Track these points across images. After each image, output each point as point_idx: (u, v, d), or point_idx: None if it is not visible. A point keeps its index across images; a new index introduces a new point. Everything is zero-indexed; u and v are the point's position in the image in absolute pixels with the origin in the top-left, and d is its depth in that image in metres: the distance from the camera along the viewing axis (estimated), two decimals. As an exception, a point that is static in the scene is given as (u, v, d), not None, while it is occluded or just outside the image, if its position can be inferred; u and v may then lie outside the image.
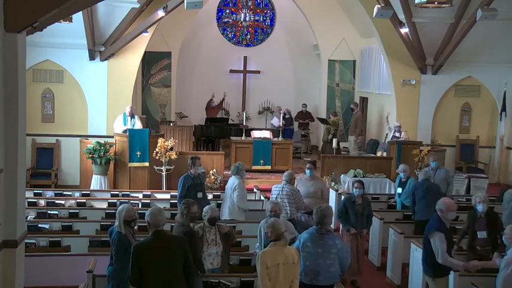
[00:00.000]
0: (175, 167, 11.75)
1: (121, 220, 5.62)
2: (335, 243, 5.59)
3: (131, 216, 5.68)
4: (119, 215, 5.65)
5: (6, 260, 4.85)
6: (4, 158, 4.72)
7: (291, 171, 8.57)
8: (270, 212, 6.25)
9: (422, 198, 8.34)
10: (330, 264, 5.52)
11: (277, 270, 5.00)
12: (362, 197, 7.80)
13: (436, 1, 9.84)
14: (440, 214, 5.85)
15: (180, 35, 16.75)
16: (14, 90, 4.72)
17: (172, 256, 4.80)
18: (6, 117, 4.70)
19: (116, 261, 5.61)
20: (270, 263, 5.00)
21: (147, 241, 4.89)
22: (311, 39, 18.06)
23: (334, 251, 5.55)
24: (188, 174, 8.38)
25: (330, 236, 5.63)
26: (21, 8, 4.55)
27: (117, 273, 5.58)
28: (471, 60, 13.86)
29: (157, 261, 4.75)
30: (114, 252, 5.62)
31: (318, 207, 5.73)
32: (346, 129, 16.89)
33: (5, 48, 4.62)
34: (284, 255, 5.06)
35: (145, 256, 4.77)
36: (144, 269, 4.75)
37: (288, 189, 7.98)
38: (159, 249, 4.80)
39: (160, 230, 4.93)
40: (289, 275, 5.07)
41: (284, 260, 5.03)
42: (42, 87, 12.76)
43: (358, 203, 7.72)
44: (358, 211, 7.68)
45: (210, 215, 6.07)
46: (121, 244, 5.59)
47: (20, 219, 4.99)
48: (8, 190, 4.79)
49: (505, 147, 14.33)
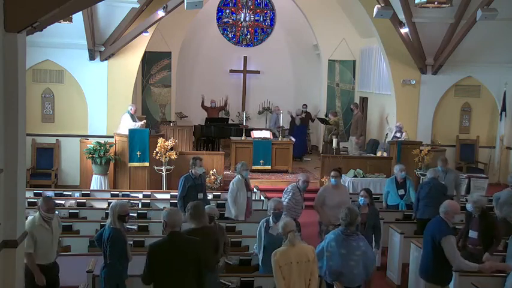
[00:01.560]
0: (175, 167, 11.76)
1: (115, 215, 5.59)
2: (359, 246, 5.61)
3: (125, 211, 5.68)
4: (113, 210, 5.63)
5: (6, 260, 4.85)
6: (4, 158, 4.72)
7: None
8: (274, 210, 6.19)
9: (426, 197, 8.36)
10: (353, 266, 5.55)
11: (290, 268, 5.08)
12: (368, 206, 7.22)
13: (436, 1, 9.84)
14: (444, 217, 5.76)
15: (180, 35, 16.75)
16: (14, 90, 4.72)
17: (187, 258, 4.76)
18: (6, 117, 4.70)
19: (114, 260, 5.53)
20: (282, 262, 5.09)
21: (163, 241, 4.85)
22: (311, 39, 18.06)
23: (358, 253, 5.58)
24: (189, 175, 8.37)
25: (355, 238, 5.65)
26: (21, 8, 4.54)
27: (116, 273, 5.53)
28: (471, 60, 13.86)
29: (171, 262, 4.72)
30: (109, 252, 5.53)
31: (348, 209, 5.75)
32: (346, 129, 16.89)
33: (5, 48, 4.62)
34: (297, 254, 5.14)
35: (160, 256, 4.74)
36: (158, 269, 4.74)
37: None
38: (174, 250, 4.75)
39: (177, 231, 4.88)
40: (305, 273, 5.13)
41: (297, 259, 5.12)
42: (42, 87, 12.76)
43: (362, 213, 6.97)
44: (360, 221, 6.84)
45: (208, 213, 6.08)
46: (119, 241, 5.55)
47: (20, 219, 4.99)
48: (8, 190, 4.79)
49: (505, 147, 14.33)
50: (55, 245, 5.94)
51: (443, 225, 5.72)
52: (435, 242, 5.65)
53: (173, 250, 4.74)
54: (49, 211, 5.80)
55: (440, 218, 5.80)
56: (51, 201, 5.98)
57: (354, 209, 5.82)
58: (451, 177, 9.29)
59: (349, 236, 5.64)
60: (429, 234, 5.78)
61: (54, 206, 6.02)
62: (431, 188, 8.42)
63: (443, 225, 5.71)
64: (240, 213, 8.30)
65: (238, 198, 8.28)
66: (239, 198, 8.28)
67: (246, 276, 5.96)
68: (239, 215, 8.29)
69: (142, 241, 7.32)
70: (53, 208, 5.90)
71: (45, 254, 5.81)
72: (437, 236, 5.64)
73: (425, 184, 8.60)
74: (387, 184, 9.50)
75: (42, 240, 5.74)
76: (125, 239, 5.69)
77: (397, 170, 9.22)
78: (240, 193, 8.30)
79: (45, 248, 5.79)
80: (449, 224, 5.77)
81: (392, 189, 9.27)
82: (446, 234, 5.61)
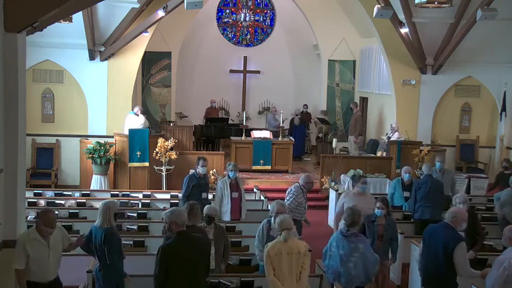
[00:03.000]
0: (175, 167, 11.76)
1: (111, 213, 5.50)
2: (357, 248, 5.61)
3: (119, 209, 5.76)
4: (108, 208, 5.51)
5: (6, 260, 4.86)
6: (4, 158, 4.72)
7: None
8: (276, 213, 6.07)
9: (426, 197, 8.36)
10: (351, 268, 5.58)
11: (280, 259, 5.24)
12: (385, 217, 6.79)
13: (436, 1, 9.83)
14: (452, 223, 5.60)
15: (180, 35, 16.75)
16: (14, 90, 4.73)
17: (198, 257, 4.85)
18: (6, 117, 4.70)
19: (114, 259, 5.46)
20: (272, 252, 5.27)
21: (174, 241, 4.89)
22: (311, 39, 18.06)
23: (356, 255, 5.60)
24: (194, 174, 8.35)
25: (353, 239, 5.66)
26: (21, 8, 4.55)
27: (117, 273, 5.51)
28: (471, 60, 13.85)
29: (185, 260, 4.78)
30: (108, 252, 5.42)
31: (350, 209, 5.78)
32: (346, 129, 16.88)
33: (5, 48, 4.63)
34: (288, 246, 5.29)
35: (172, 257, 4.78)
36: (172, 269, 4.77)
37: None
38: (186, 248, 4.82)
39: (186, 231, 4.95)
40: (296, 264, 5.27)
41: (288, 250, 5.27)
42: (42, 87, 12.75)
43: (378, 224, 6.70)
44: (377, 233, 6.65)
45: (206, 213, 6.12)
46: (116, 239, 5.52)
47: (20, 219, 5.00)
48: (8, 190, 4.81)
49: (505, 147, 14.31)
50: (54, 261, 5.33)
51: (454, 232, 5.57)
52: (448, 249, 5.48)
53: (185, 249, 4.82)
54: (48, 225, 5.13)
55: (446, 224, 5.64)
56: (51, 214, 5.27)
57: (356, 209, 5.82)
58: (448, 178, 9.34)
59: (348, 237, 5.66)
60: (440, 242, 5.55)
61: (55, 219, 5.29)
62: (430, 188, 8.41)
63: (454, 232, 5.57)
64: (222, 213, 8.18)
65: (223, 198, 8.22)
66: (224, 198, 8.21)
67: (246, 276, 5.96)
68: (222, 215, 8.17)
69: (142, 241, 7.32)
70: (53, 222, 5.20)
71: (42, 272, 5.22)
72: (451, 243, 5.47)
73: (423, 184, 8.55)
74: (393, 185, 9.56)
75: (36, 256, 5.12)
76: (120, 237, 5.67)
77: (404, 171, 9.24)
78: (224, 193, 8.21)
79: (41, 265, 5.18)
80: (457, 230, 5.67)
81: (398, 191, 9.31)
82: (460, 241, 5.48)
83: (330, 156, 12.84)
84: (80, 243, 5.63)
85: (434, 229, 5.78)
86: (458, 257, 5.45)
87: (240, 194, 8.33)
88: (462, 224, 5.65)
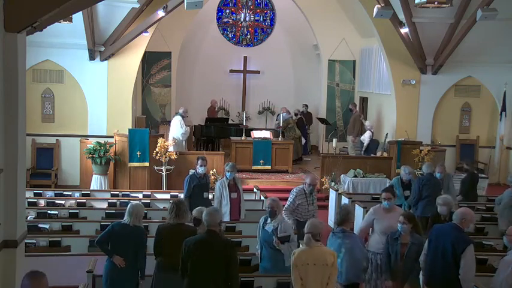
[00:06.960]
0: (175, 167, 11.76)
1: (140, 215, 5.96)
2: (343, 243, 5.63)
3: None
4: (139, 211, 5.93)
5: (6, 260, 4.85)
6: (4, 158, 4.72)
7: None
8: (268, 208, 6.31)
9: (429, 195, 8.41)
10: (339, 263, 5.56)
11: (306, 269, 5.11)
12: (411, 235, 5.98)
13: (436, 1, 9.83)
14: (460, 224, 5.55)
15: (180, 35, 16.75)
16: (14, 90, 4.73)
17: (216, 257, 4.98)
18: (6, 117, 4.70)
19: (144, 257, 5.88)
20: (299, 262, 5.14)
21: (199, 238, 5.13)
22: (311, 39, 18.06)
23: (342, 250, 5.63)
24: (194, 174, 8.34)
25: (340, 236, 5.71)
26: (21, 8, 4.55)
27: (141, 271, 5.89)
28: (471, 60, 13.86)
29: (205, 258, 4.98)
30: (142, 246, 5.86)
31: (343, 206, 5.88)
32: (345, 129, 16.88)
33: (5, 48, 4.62)
34: (314, 256, 5.15)
35: (192, 252, 5.00)
36: (193, 262, 4.99)
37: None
38: (206, 248, 5.00)
39: (213, 231, 5.10)
40: (322, 276, 5.12)
41: (314, 261, 5.13)
42: (42, 87, 12.76)
43: (401, 242, 5.98)
44: (400, 252, 5.97)
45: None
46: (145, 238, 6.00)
47: (20, 219, 4.99)
48: (8, 190, 4.80)
49: (505, 147, 14.33)
50: None
51: (463, 233, 5.55)
52: (456, 251, 5.42)
53: (206, 247, 5.00)
54: None
55: (455, 225, 5.58)
56: (43, 280, 3.99)
57: (346, 207, 5.92)
58: (447, 182, 9.34)
59: (335, 234, 5.74)
60: (449, 243, 5.48)
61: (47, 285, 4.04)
62: (433, 187, 8.52)
63: (463, 234, 5.55)
64: (222, 214, 8.16)
65: (222, 199, 8.18)
66: (223, 199, 8.18)
67: (246, 276, 5.95)
68: (221, 216, 8.17)
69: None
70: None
71: None
72: (461, 245, 5.42)
73: (426, 183, 8.61)
74: (392, 184, 9.55)
75: None
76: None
77: (405, 172, 9.18)
78: (222, 194, 8.18)
79: None
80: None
81: (398, 190, 9.31)
82: (470, 243, 5.44)
83: (330, 156, 12.84)
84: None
85: (441, 230, 5.71)
86: (468, 259, 5.41)
87: (239, 194, 8.30)
88: (469, 226, 5.72)
